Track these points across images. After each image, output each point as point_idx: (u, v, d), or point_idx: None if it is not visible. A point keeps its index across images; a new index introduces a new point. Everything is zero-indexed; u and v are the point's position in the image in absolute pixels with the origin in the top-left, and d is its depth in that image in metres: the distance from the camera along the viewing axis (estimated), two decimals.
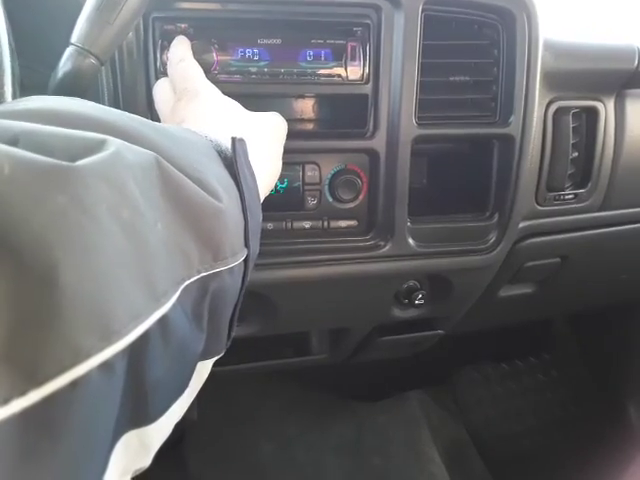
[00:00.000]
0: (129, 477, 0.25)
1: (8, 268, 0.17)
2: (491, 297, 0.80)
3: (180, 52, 0.48)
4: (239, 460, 1.06)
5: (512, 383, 1.29)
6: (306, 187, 0.59)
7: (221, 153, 0.34)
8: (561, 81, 0.66)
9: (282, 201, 0.58)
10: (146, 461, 0.26)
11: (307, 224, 0.60)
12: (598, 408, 1.21)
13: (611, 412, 1.18)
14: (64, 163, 0.19)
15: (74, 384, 0.18)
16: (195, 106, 0.41)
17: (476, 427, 1.22)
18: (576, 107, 0.68)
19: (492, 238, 0.66)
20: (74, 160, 0.20)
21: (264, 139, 0.43)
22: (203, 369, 0.32)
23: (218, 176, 0.31)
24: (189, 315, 0.27)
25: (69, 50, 0.39)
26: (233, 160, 0.33)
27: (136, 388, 0.22)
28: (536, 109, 0.61)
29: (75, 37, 0.39)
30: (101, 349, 0.19)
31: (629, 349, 1.18)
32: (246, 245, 0.33)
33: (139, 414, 0.24)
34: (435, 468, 1.11)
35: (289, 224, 0.60)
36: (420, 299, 0.69)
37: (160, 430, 0.26)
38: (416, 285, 0.70)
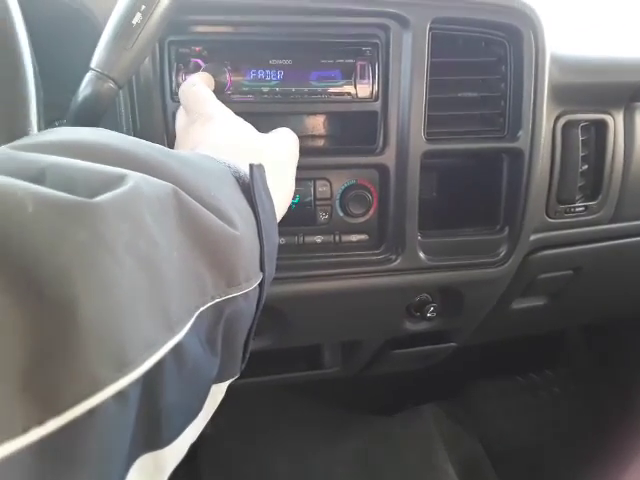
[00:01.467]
0: None
1: (31, 302, 0.18)
2: (504, 310, 0.80)
3: (192, 79, 0.49)
4: (253, 474, 1.06)
5: (527, 396, 1.28)
6: (317, 202, 0.60)
7: (239, 179, 0.34)
8: (569, 95, 0.66)
9: (294, 216, 0.59)
10: None
11: (319, 239, 0.61)
12: (616, 421, 1.19)
13: (630, 425, 1.16)
14: (85, 200, 0.20)
15: (90, 413, 0.19)
16: (209, 129, 0.42)
17: (491, 441, 1.21)
18: (585, 120, 0.69)
19: (503, 251, 0.66)
20: (95, 195, 0.21)
21: (278, 161, 0.43)
22: (217, 392, 0.33)
23: (235, 203, 0.31)
24: (203, 341, 0.27)
25: (89, 75, 0.40)
26: (250, 186, 0.33)
27: (150, 413, 0.23)
28: (544, 123, 0.62)
29: (95, 62, 0.40)
30: (116, 379, 0.20)
31: None
32: (261, 269, 0.33)
33: (153, 438, 0.24)
34: None
35: (301, 239, 0.61)
36: (432, 312, 0.70)
37: (174, 453, 0.26)
38: (428, 298, 0.70)
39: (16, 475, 0.17)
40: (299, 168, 0.56)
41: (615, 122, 0.70)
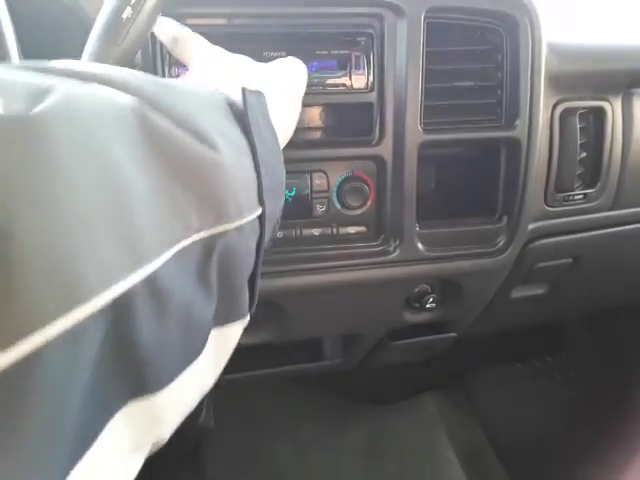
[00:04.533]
0: (147, 449, 0.25)
1: None
2: (503, 299, 0.80)
3: (168, 26, 0.46)
4: (256, 466, 1.07)
5: (529, 383, 1.28)
6: (314, 195, 0.60)
7: (232, 105, 0.31)
8: (567, 83, 0.66)
9: (291, 209, 0.59)
10: (162, 433, 0.25)
11: (316, 231, 0.61)
12: (617, 407, 1.19)
13: (631, 411, 1.17)
14: (20, 113, 0.18)
15: (36, 353, 0.16)
16: (202, 53, 0.40)
17: (493, 428, 1.21)
18: (583, 108, 0.68)
19: (502, 240, 0.66)
20: (30, 108, 0.18)
21: (281, 90, 0.40)
22: (223, 337, 0.30)
23: (221, 127, 0.28)
24: (192, 278, 0.25)
25: None
26: (244, 111, 0.30)
27: (127, 354, 0.21)
28: (541, 112, 0.61)
29: (85, 58, 0.40)
30: (66, 312, 0.17)
31: None
32: (260, 202, 0.30)
33: (138, 383, 0.22)
34: (452, 470, 1.11)
35: (298, 231, 0.60)
36: (431, 303, 0.70)
37: (171, 400, 0.24)
38: (427, 289, 0.70)
39: None
40: (296, 161, 0.56)
41: (613, 109, 0.70)
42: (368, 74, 0.57)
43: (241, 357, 0.72)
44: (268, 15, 0.54)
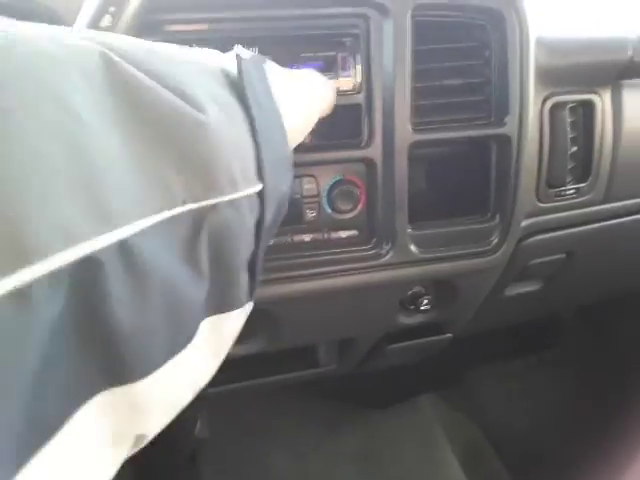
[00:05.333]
0: (128, 444, 0.22)
1: None
2: (497, 296, 0.79)
3: None
4: (253, 475, 1.05)
5: (525, 380, 1.28)
6: (304, 200, 0.59)
7: (229, 75, 0.29)
8: (556, 77, 0.65)
9: None
10: (146, 427, 0.23)
11: (307, 237, 0.60)
12: (616, 403, 1.20)
13: (630, 407, 1.17)
14: None
15: None
16: None
17: (491, 427, 1.21)
18: (572, 101, 0.68)
19: (495, 239, 0.65)
20: None
21: (299, 87, 0.41)
22: (219, 326, 0.27)
23: (212, 92, 0.25)
24: (177, 255, 0.23)
25: None
26: (239, 77, 0.28)
27: (99, 333, 0.19)
28: (531, 107, 0.61)
29: None
30: (9, 273, 0.15)
31: None
32: (259, 177, 0.27)
33: (114, 369, 0.20)
34: (452, 471, 1.11)
35: (289, 238, 0.59)
36: (426, 304, 0.69)
37: (155, 392, 0.22)
38: (421, 290, 0.69)
39: None
40: None
41: (602, 101, 0.70)
42: (355, 75, 0.56)
43: (234, 368, 0.71)
44: (251, 19, 0.53)
